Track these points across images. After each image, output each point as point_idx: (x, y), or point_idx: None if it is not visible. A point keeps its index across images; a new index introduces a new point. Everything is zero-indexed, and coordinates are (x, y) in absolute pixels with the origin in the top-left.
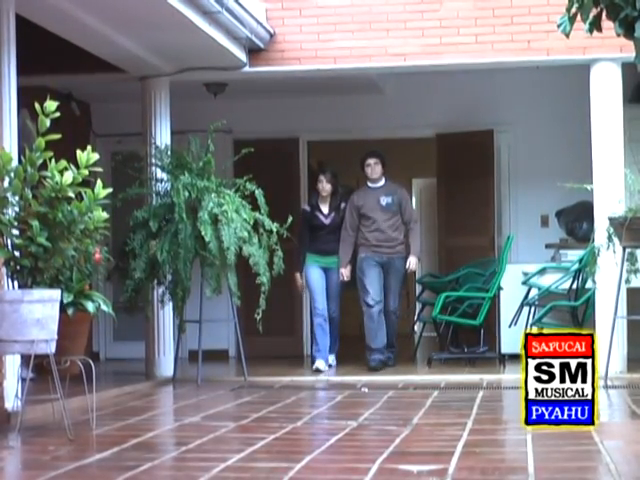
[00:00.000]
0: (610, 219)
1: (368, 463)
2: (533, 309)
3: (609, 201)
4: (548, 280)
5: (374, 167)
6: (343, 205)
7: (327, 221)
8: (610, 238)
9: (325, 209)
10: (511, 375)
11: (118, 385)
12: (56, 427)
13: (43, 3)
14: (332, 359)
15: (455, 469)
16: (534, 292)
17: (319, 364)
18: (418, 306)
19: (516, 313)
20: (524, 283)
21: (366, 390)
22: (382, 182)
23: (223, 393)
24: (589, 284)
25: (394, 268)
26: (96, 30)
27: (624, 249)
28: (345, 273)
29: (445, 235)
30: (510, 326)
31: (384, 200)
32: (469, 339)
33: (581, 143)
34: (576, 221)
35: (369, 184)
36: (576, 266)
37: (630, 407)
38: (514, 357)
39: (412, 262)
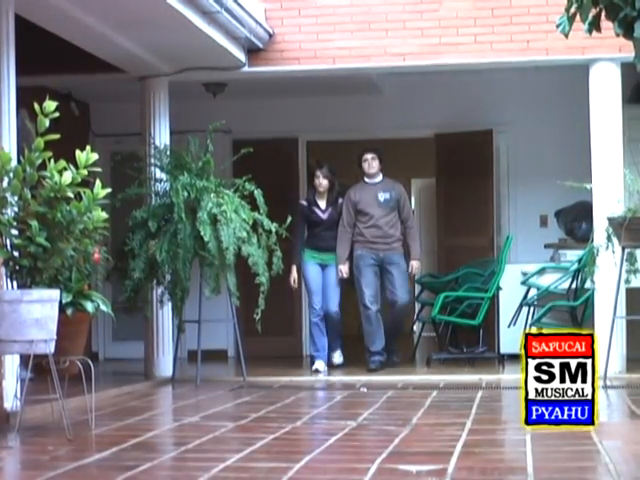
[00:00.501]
0: (609, 219)
1: (367, 463)
2: (532, 309)
3: (608, 201)
4: (547, 280)
5: (371, 162)
6: (340, 200)
7: (324, 216)
8: (609, 238)
9: (322, 204)
10: (510, 375)
11: (117, 385)
12: (55, 427)
13: (43, 3)
14: (338, 356)
15: (454, 469)
16: (533, 292)
17: (318, 365)
18: (417, 306)
19: (515, 313)
20: (523, 283)
21: (365, 390)
22: (379, 178)
23: (222, 393)
24: (588, 284)
25: (393, 262)
26: (96, 30)
27: (623, 249)
28: (344, 270)
29: (444, 235)
30: (509, 326)
31: (382, 196)
32: (468, 339)
33: (580, 143)
34: (575, 221)
35: (366, 180)
36: (575, 266)
37: (629, 407)
38: (513, 357)
39: (414, 266)
